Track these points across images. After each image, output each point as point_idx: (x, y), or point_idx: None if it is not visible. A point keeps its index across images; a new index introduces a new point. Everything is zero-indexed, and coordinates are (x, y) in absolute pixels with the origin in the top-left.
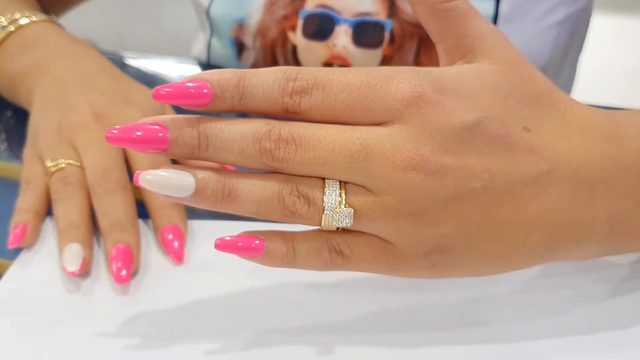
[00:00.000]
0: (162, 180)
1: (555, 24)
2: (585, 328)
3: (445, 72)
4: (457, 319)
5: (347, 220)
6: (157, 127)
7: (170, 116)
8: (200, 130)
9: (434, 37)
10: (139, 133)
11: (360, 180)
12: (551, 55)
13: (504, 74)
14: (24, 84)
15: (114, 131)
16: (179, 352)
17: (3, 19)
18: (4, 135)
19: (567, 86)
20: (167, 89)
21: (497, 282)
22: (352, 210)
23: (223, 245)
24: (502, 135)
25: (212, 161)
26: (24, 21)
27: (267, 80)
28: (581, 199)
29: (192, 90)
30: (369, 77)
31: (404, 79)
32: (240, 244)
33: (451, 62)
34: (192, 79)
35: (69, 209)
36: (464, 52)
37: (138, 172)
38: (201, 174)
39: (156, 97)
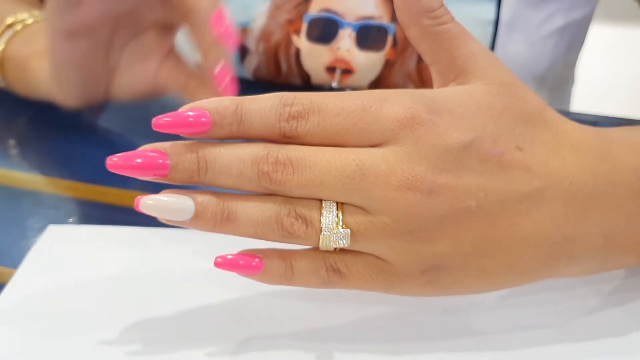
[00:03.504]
0: (162, 205)
1: (554, 31)
2: (582, 339)
3: (439, 93)
4: (454, 329)
5: (344, 241)
6: (157, 153)
7: (169, 143)
8: (200, 155)
9: (427, 59)
10: (139, 160)
11: (356, 201)
12: (551, 63)
13: (496, 94)
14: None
15: (115, 159)
16: None
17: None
18: (14, 142)
19: (568, 96)
20: (166, 119)
21: (495, 293)
22: (349, 230)
23: (222, 263)
24: (496, 154)
25: (211, 185)
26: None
27: (265, 107)
28: (574, 215)
29: (191, 119)
30: (363, 100)
31: (398, 101)
32: (239, 262)
33: (444, 84)
34: (191, 108)
35: None
36: (457, 74)
37: (139, 197)
38: (200, 198)
39: (155, 126)
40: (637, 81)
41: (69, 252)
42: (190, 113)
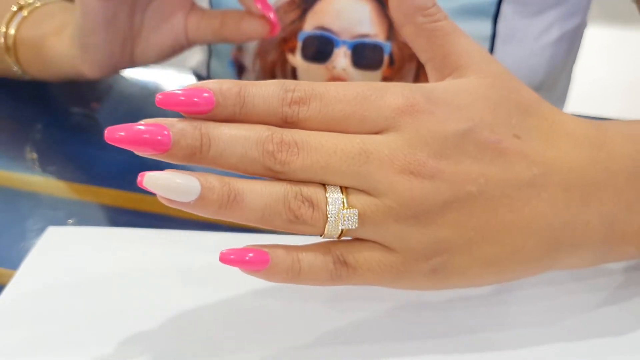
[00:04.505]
0: (167, 183)
1: (551, 43)
2: (578, 336)
3: (436, 86)
4: (451, 328)
5: (352, 222)
6: (158, 128)
7: (169, 119)
8: (203, 132)
9: (422, 56)
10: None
11: (360, 185)
12: (547, 73)
13: (491, 87)
14: None
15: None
16: None
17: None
18: (14, 144)
19: (562, 97)
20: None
21: (492, 291)
22: (357, 210)
23: (227, 259)
24: (494, 142)
25: (213, 164)
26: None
27: (267, 90)
28: (573, 202)
29: (196, 99)
30: (363, 88)
31: (397, 91)
32: (244, 257)
33: (440, 80)
34: (195, 87)
35: None
36: (452, 69)
37: (143, 173)
38: (206, 178)
39: (159, 103)
40: (634, 83)
41: (68, 254)
42: (194, 91)
